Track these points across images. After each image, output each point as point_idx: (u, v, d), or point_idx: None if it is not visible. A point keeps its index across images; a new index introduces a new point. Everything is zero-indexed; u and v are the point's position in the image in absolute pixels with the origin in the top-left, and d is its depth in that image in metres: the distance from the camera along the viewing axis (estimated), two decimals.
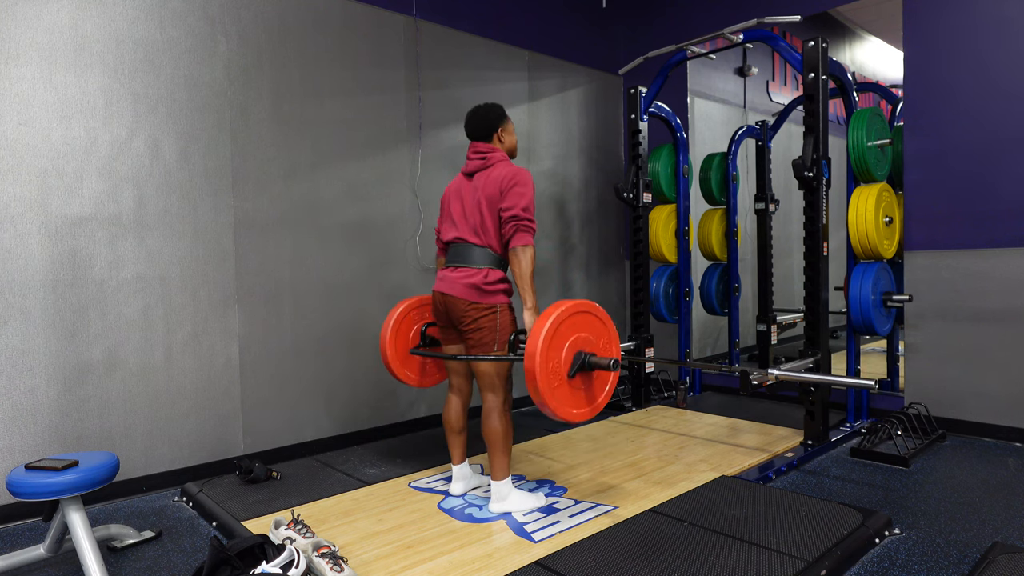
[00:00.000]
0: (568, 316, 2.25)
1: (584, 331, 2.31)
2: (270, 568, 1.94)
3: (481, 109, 2.68)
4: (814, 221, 3.38)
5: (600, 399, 2.37)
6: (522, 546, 2.24)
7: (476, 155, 2.65)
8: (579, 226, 4.95)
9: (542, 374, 2.17)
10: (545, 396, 2.18)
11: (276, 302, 3.37)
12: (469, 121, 2.69)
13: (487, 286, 2.51)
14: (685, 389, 4.33)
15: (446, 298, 2.57)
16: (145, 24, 2.97)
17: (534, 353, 2.16)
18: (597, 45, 5.08)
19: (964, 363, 3.55)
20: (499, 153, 2.63)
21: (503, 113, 2.70)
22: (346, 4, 3.62)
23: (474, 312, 2.51)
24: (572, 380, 2.26)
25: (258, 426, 3.32)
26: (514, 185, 2.49)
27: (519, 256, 2.44)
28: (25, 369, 2.70)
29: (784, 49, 3.58)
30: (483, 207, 2.53)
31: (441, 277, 2.61)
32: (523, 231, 2.45)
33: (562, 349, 2.23)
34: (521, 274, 2.44)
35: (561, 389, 2.23)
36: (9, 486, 2.04)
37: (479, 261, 2.54)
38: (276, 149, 3.36)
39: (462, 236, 2.59)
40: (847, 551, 2.15)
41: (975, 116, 3.50)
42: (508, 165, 2.58)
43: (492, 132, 2.67)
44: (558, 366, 2.22)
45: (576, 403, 2.29)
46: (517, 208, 2.46)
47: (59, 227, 2.77)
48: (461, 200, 2.63)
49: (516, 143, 2.75)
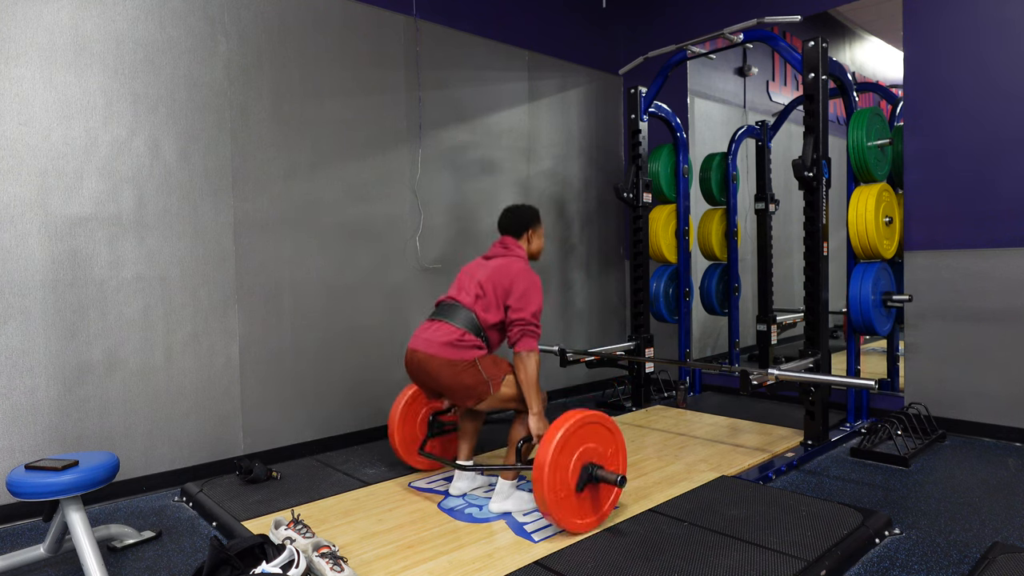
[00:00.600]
0: (577, 428, 2.28)
1: (592, 442, 2.33)
2: (270, 568, 1.94)
3: (518, 208, 2.78)
4: (814, 221, 3.38)
5: (605, 508, 2.40)
6: (522, 546, 2.24)
7: (501, 247, 2.71)
8: (579, 226, 4.95)
9: (549, 487, 2.19)
10: (552, 508, 2.21)
11: (276, 302, 3.37)
12: (504, 216, 2.77)
13: (462, 342, 2.50)
14: (685, 389, 4.33)
15: (416, 355, 2.55)
16: (145, 24, 2.97)
17: (543, 466, 2.19)
18: (597, 45, 5.08)
19: (964, 363, 3.55)
20: (522, 251, 2.72)
21: (538, 215, 2.80)
22: (346, 4, 3.62)
23: (451, 371, 2.48)
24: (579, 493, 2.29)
25: (258, 426, 3.32)
26: (527, 289, 2.53)
27: (524, 361, 2.47)
28: (25, 369, 2.70)
29: (784, 49, 3.58)
30: (486, 282, 2.58)
31: (416, 335, 2.60)
32: (529, 336, 2.49)
33: (570, 461, 2.26)
34: (526, 379, 2.47)
35: (568, 501, 2.26)
36: (9, 486, 2.04)
37: (461, 321, 2.54)
38: (276, 149, 3.36)
39: (455, 297, 2.62)
40: (847, 551, 2.15)
41: (975, 116, 3.50)
42: (526, 265, 2.65)
43: (523, 231, 2.75)
44: (565, 478, 2.25)
45: (582, 514, 2.32)
46: (527, 312, 2.50)
47: (59, 227, 2.77)
48: (470, 274, 2.67)
49: (542, 248, 2.83)
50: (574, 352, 3.80)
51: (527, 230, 2.76)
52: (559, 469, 2.22)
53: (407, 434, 2.95)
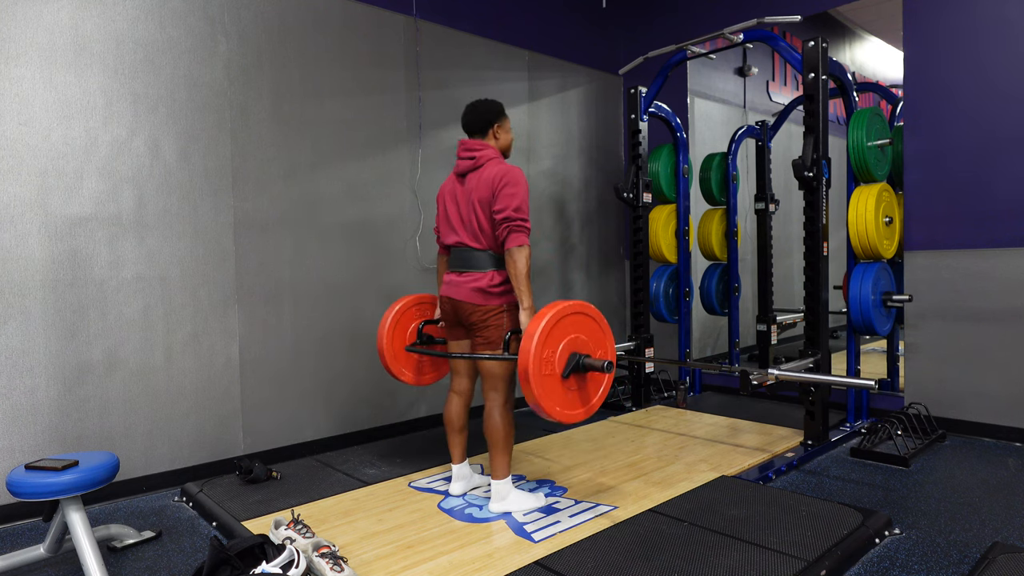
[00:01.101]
0: (563, 317, 2.25)
1: (579, 332, 2.30)
2: (270, 568, 1.94)
3: (480, 103, 2.67)
4: (814, 221, 3.38)
5: (594, 401, 2.36)
6: (522, 546, 2.24)
7: (466, 153, 2.62)
8: (579, 226, 4.95)
9: (535, 374, 2.16)
10: (539, 396, 2.17)
11: (276, 302, 3.37)
12: (466, 115, 2.67)
13: (492, 288, 2.53)
14: (685, 389, 4.33)
15: (454, 303, 2.61)
16: (145, 24, 2.97)
17: (528, 352, 2.16)
18: (597, 45, 5.08)
19: (964, 363, 3.55)
20: (489, 150, 2.60)
21: (501, 110, 2.69)
22: (346, 4, 3.62)
23: (481, 313, 2.54)
24: (566, 381, 2.26)
25: (258, 426, 3.32)
26: (504, 185, 2.47)
27: (514, 257, 2.44)
28: (25, 369, 2.70)
29: (784, 49, 3.58)
30: (478, 210, 2.54)
31: (447, 281, 2.64)
32: (516, 232, 2.44)
33: (556, 349, 2.23)
34: (516, 275, 2.44)
35: (555, 389, 2.23)
36: (9, 486, 2.04)
37: (482, 265, 2.55)
38: (276, 149, 3.36)
39: (463, 241, 2.60)
40: (847, 551, 2.15)
41: (975, 116, 3.50)
42: (499, 164, 2.56)
43: (488, 127, 2.65)
44: (552, 366, 2.22)
45: (570, 404, 2.29)
46: (509, 209, 2.45)
47: (59, 227, 2.77)
48: (456, 203, 2.63)
49: (511, 142, 2.73)
50: None
51: (492, 126, 2.65)
52: (545, 360, 2.18)
53: (397, 345, 2.92)
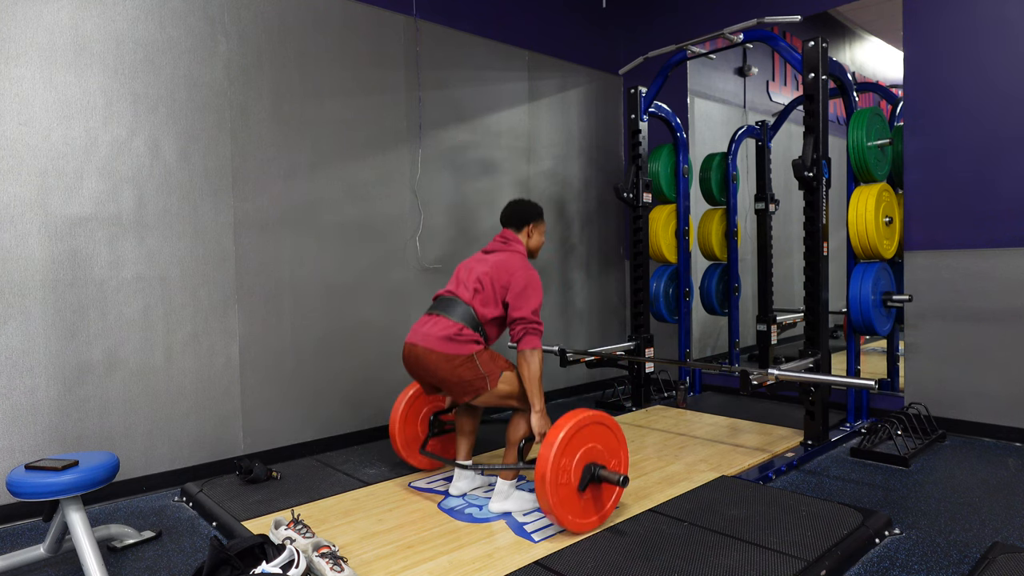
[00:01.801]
0: (580, 428, 2.28)
1: (594, 442, 2.33)
2: (270, 568, 1.94)
3: (522, 202, 2.79)
4: (814, 221, 3.38)
5: (607, 507, 2.40)
6: (522, 546, 2.24)
7: (501, 240, 2.71)
8: (579, 226, 4.95)
9: (552, 487, 2.19)
10: (554, 506, 2.21)
11: (276, 302, 3.37)
12: (507, 209, 2.78)
13: (459, 337, 2.49)
14: (685, 389, 4.33)
15: (416, 350, 2.55)
16: (145, 24, 2.97)
17: (546, 466, 2.19)
18: (597, 45, 5.08)
19: (964, 363, 3.55)
20: (521, 246, 2.72)
21: (540, 213, 2.80)
22: (346, 4, 3.62)
23: (448, 365, 2.47)
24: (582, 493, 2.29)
25: (258, 426, 3.32)
26: (527, 286, 2.53)
27: (527, 359, 2.47)
28: (25, 369, 2.70)
29: (784, 49, 3.58)
30: (484, 277, 2.58)
31: (414, 330, 2.60)
32: (532, 334, 2.49)
33: (573, 460, 2.26)
34: (530, 377, 2.46)
35: (570, 501, 2.26)
36: (9, 486, 2.04)
37: (459, 316, 2.54)
38: (276, 149, 3.36)
39: (453, 291, 2.62)
40: (847, 551, 2.15)
41: (975, 116, 3.50)
42: (525, 261, 2.65)
43: (524, 225, 2.75)
44: (568, 478, 2.25)
45: (584, 513, 2.32)
46: (527, 310, 2.50)
47: (59, 227, 2.77)
48: (468, 268, 2.67)
49: (541, 246, 2.83)
50: (574, 352, 3.80)
51: (528, 224, 2.75)
52: (562, 469, 2.22)
53: (408, 434, 2.95)
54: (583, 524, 2.31)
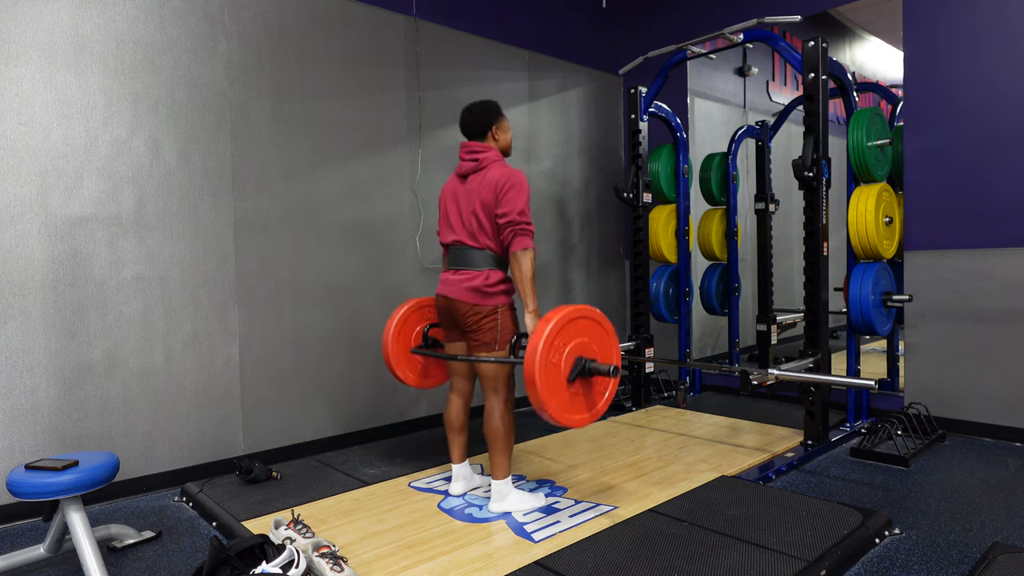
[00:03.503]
0: (569, 321, 2.25)
1: (585, 336, 2.30)
2: (270, 568, 1.94)
3: (476, 106, 2.67)
4: (814, 221, 3.38)
5: (600, 405, 2.37)
6: (522, 546, 2.24)
7: (469, 156, 2.63)
8: (579, 226, 4.95)
9: (542, 378, 2.16)
10: (545, 400, 2.18)
11: (276, 302, 3.37)
12: (464, 118, 2.67)
13: (488, 288, 2.52)
14: (685, 389, 4.33)
15: (449, 301, 2.60)
16: (145, 24, 2.97)
17: (534, 356, 2.16)
18: (597, 45, 5.08)
19: (964, 363, 3.55)
20: (492, 153, 2.61)
21: (498, 110, 2.69)
22: (346, 4, 3.62)
23: (476, 314, 2.53)
24: (572, 385, 2.26)
25: (258, 426, 3.32)
26: (508, 188, 2.48)
27: (519, 260, 2.45)
28: (25, 369, 2.70)
29: (784, 49, 3.58)
30: (479, 211, 2.54)
31: (443, 280, 2.64)
32: (521, 235, 2.46)
33: (562, 354, 2.23)
34: (522, 278, 2.45)
35: (561, 394, 2.23)
36: (9, 486, 2.04)
37: (479, 263, 2.55)
38: (276, 149, 3.36)
39: (460, 239, 2.60)
40: (847, 551, 2.15)
41: (975, 116, 3.50)
42: (502, 167, 2.57)
43: (487, 129, 2.64)
44: (558, 370, 2.22)
45: (576, 408, 2.29)
46: (513, 212, 2.46)
47: (59, 227, 2.77)
48: (457, 203, 2.63)
49: (510, 141, 2.73)
50: None
51: (490, 127, 2.65)
52: (551, 362, 2.19)
53: (401, 348, 2.92)
54: (576, 419, 2.28)
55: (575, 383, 2.27)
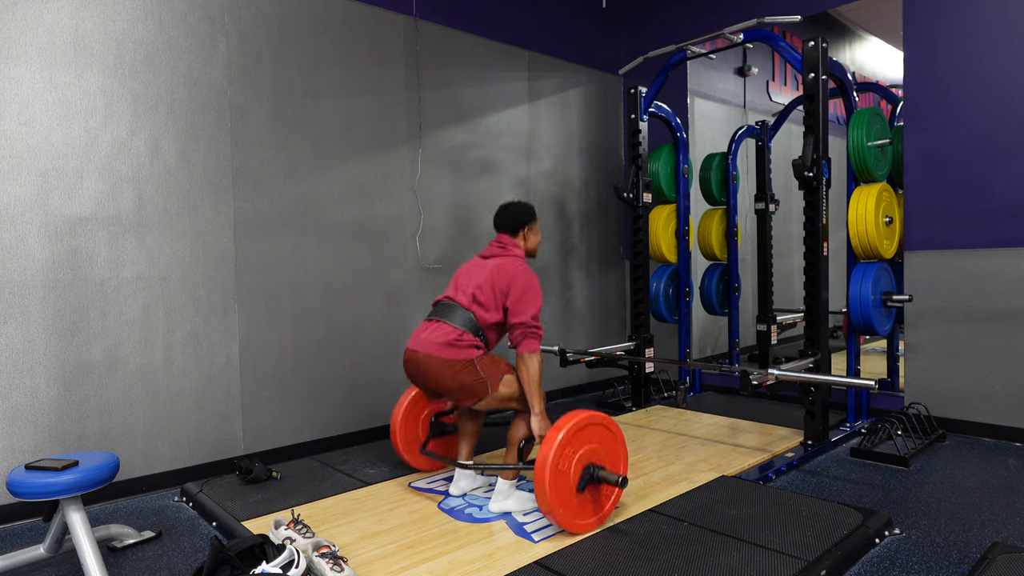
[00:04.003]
0: (579, 429, 2.28)
1: (594, 443, 2.34)
2: (270, 568, 1.94)
3: (514, 205, 2.78)
4: (814, 221, 3.38)
5: (607, 508, 2.40)
6: (522, 546, 2.24)
7: (498, 245, 2.71)
8: (579, 226, 4.95)
9: (551, 487, 2.19)
10: (553, 509, 2.21)
11: (276, 302, 3.37)
12: (500, 213, 2.77)
13: (459, 342, 2.50)
14: (685, 389, 4.33)
15: (416, 356, 2.55)
16: (145, 24, 2.97)
17: (545, 467, 2.19)
18: (597, 45, 5.08)
19: (964, 363, 3.55)
20: (519, 250, 2.71)
21: (533, 214, 2.79)
22: (346, 4, 3.62)
23: (450, 371, 2.48)
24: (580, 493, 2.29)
25: (258, 426, 3.32)
26: (527, 291, 2.53)
27: (527, 362, 2.48)
28: (25, 369, 2.70)
29: (784, 49, 3.58)
30: (484, 283, 2.57)
31: (415, 335, 2.61)
32: (531, 338, 2.50)
33: (572, 462, 2.26)
34: (529, 380, 2.47)
35: (569, 501, 2.26)
36: (9, 486, 2.04)
37: (458, 321, 2.54)
38: (276, 149, 3.36)
39: (452, 297, 2.62)
40: (847, 551, 2.15)
41: (975, 116, 3.50)
42: (523, 264, 2.64)
43: (519, 228, 2.74)
44: (567, 479, 2.25)
45: (583, 514, 2.32)
46: (527, 315, 2.50)
47: (59, 227, 2.77)
48: (468, 274, 2.67)
49: (539, 243, 2.83)
50: (574, 352, 3.80)
51: (523, 227, 2.75)
52: (561, 470, 2.23)
53: (409, 435, 2.95)
54: (582, 525, 2.31)
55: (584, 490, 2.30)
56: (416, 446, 2.95)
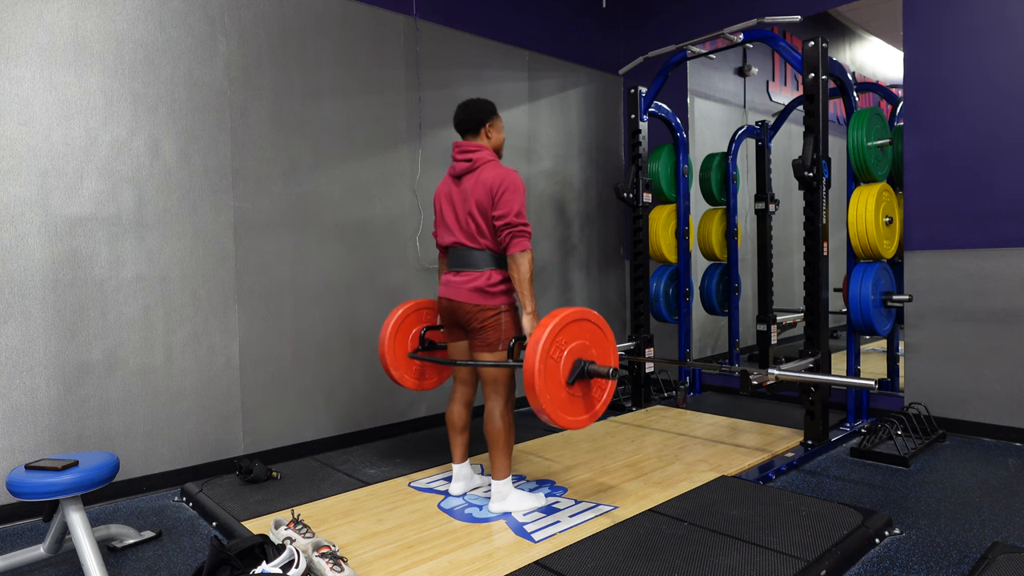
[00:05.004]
0: (567, 323, 2.26)
1: (583, 339, 2.31)
2: (270, 568, 1.94)
3: (471, 103, 2.66)
4: (814, 221, 3.38)
5: (598, 407, 2.38)
6: (522, 546, 2.24)
7: (462, 156, 2.61)
8: (579, 226, 4.95)
9: (541, 381, 2.17)
10: (544, 403, 2.19)
11: (276, 302, 3.37)
12: (458, 114, 2.66)
13: (491, 288, 2.53)
14: (685, 389, 4.33)
15: (452, 303, 2.60)
16: (145, 24, 2.97)
17: (533, 360, 2.16)
18: (597, 45, 5.08)
19: (964, 363, 3.55)
20: (485, 152, 2.60)
21: (493, 109, 2.68)
22: (346, 4, 3.62)
23: (480, 315, 2.53)
24: (571, 387, 2.27)
25: (258, 426, 3.32)
26: (504, 190, 2.48)
27: (517, 262, 2.46)
28: (25, 369, 2.70)
29: (784, 49, 3.58)
30: (475, 213, 2.54)
31: (445, 282, 2.64)
32: (518, 236, 2.46)
33: (561, 356, 2.24)
34: (520, 279, 2.46)
35: (560, 396, 2.24)
36: (9, 486, 2.04)
37: (480, 264, 2.55)
38: (276, 149, 3.36)
39: (460, 241, 2.60)
40: (847, 551, 2.15)
41: (975, 116, 3.50)
42: (495, 167, 2.56)
43: (480, 126, 2.64)
44: (557, 373, 2.23)
45: (574, 410, 2.30)
46: (510, 215, 2.47)
47: (59, 227, 2.77)
48: (452, 205, 2.63)
49: (503, 141, 2.72)
50: None
51: (484, 124, 2.64)
52: (550, 365, 2.20)
53: (398, 351, 2.92)
54: (575, 421, 2.29)
55: (574, 385, 2.27)
56: (404, 362, 2.92)
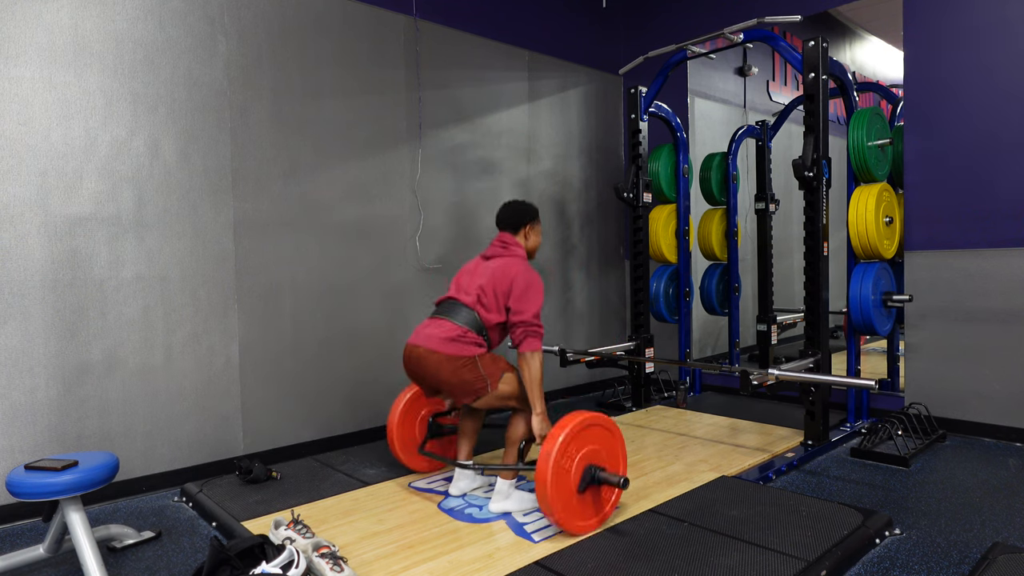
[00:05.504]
0: (578, 431, 2.28)
1: (593, 443, 2.34)
2: (270, 568, 1.94)
3: (517, 204, 2.79)
4: (814, 221, 3.37)
5: (607, 508, 2.40)
6: (522, 546, 2.24)
7: (500, 245, 2.71)
8: (579, 226, 4.95)
9: (552, 491, 2.19)
10: (555, 511, 2.21)
11: (276, 302, 3.37)
12: (502, 211, 2.78)
13: (462, 340, 2.50)
14: (685, 389, 4.33)
15: (417, 350, 2.54)
16: (145, 24, 2.97)
17: (545, 471, 2.19)
18: (597, 45, 5.08)
19: (964, 363, 3.55)
20: (521, 249, 2.71)
21: (535, 214, 2.80)
22: (346, 4, 3.62)
23: (450, 366, 2.47)
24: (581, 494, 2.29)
25: (258, 426, 3.32)
26: (528, 288, 2.53)
27: (528, 361, 2.48)
28: (25, 369, 2.70)
29: (784, 49, 3.58)
30: (486, 284, 2.58)
31: (417, 331, 2.60)
32: (532, 337, 2.49)
33: (572, 465, 2.26)
34: (531, 379, 2.47)
35: (570, 503, 2.26)
36: (9, 486, 2.04)
37: (462, 320, 2.54)
38: (276, 149, 3.36)
39: (455, 296, 2.62)
40: (847, 551, 2.15)
41: (975, 116, 3.50)
42: (525, 264, 2.64)
43: (520, 227, 2.75)
44: (568, 481, 2.25)
45: (584, 514, 2.32)
46: (528, 314, 2.50)
47: (59, 227, 2.77)
48: (471, 274, 2.68)
49: (539, 245, 2.83)
50: (574, 352, 3.80)
51: (525, 226, 2.75)
52: (562, 471, 2.22)
53: (406, 436, 2.94)
54: (583, 526, 2.31)
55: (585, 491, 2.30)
56: (413, 447, 2.95)
